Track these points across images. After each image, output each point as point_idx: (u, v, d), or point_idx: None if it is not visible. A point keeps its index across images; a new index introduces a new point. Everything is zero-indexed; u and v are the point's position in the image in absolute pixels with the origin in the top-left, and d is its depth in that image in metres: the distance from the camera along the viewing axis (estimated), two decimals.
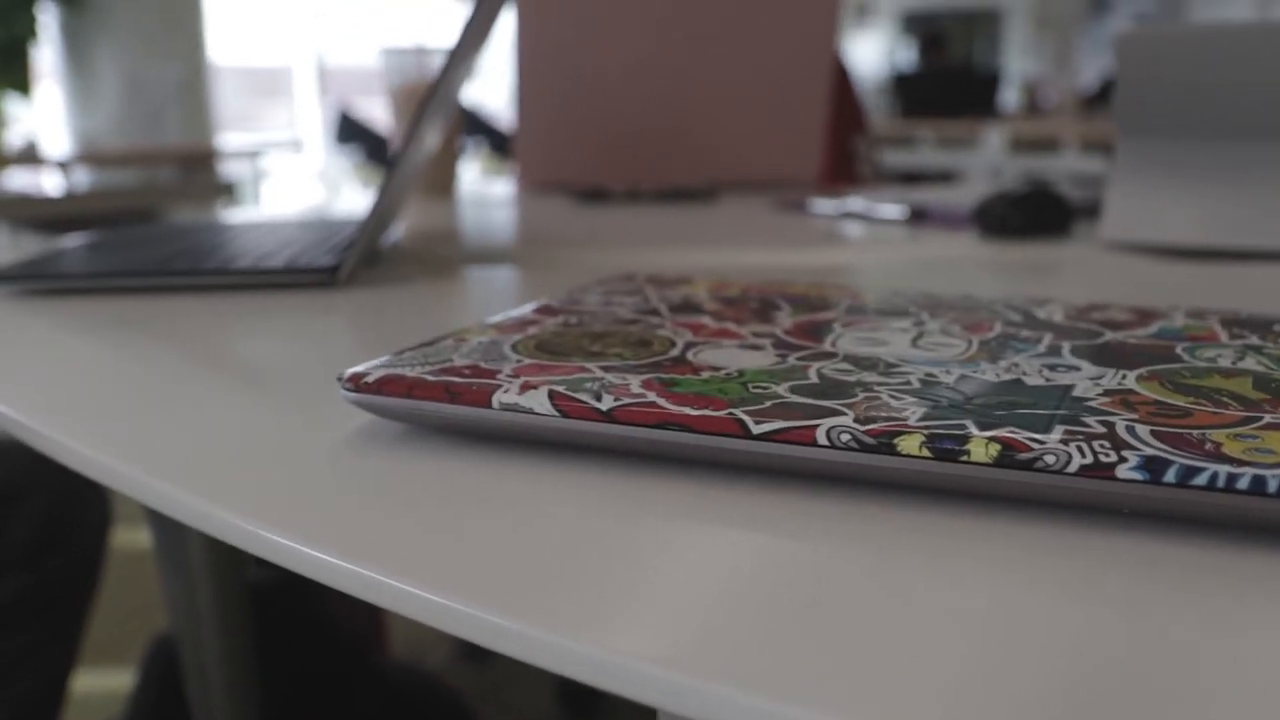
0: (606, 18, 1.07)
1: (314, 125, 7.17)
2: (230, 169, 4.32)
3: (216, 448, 0.29)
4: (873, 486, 0.25)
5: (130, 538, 1.37)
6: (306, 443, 0.30)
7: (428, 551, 0.22)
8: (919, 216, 0.83)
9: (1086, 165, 3.26)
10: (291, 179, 6.82)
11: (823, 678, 0.17)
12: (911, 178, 3.84)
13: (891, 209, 0.84)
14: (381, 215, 0.58)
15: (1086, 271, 0.61)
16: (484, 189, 1.17)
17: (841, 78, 1.46)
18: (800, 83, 1.11)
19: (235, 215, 0.97)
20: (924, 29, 7.67)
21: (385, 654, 1.14)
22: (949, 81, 5.53)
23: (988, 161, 3.54)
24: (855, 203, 0.87)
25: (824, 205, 0.89)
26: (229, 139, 5.57)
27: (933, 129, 3.97)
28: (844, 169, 1.41)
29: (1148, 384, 0.28)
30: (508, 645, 0.19)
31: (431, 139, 0.65)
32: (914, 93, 5.41)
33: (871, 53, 8.48)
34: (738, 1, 1.08)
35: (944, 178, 3.75)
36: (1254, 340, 0.33)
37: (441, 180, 1.05)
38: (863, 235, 0.77)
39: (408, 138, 0.56)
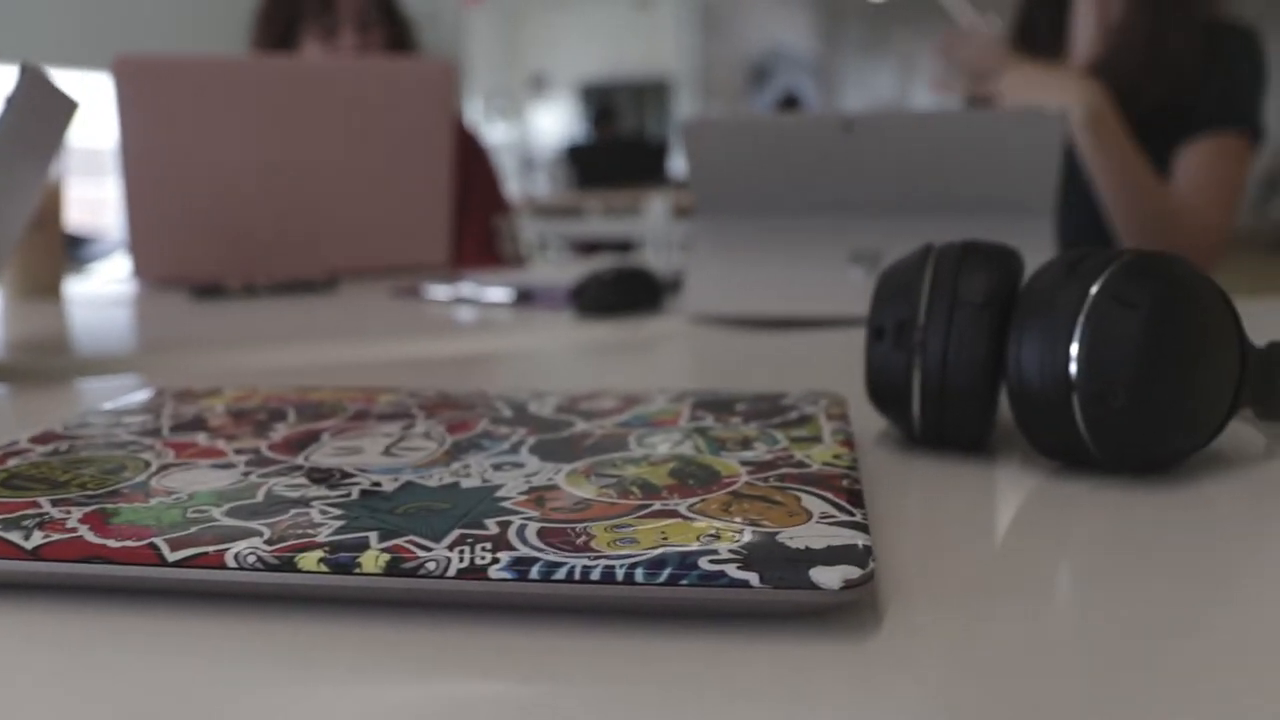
0: (214, 109, 1.05)
1: None
2: None
3: None
4: (300, 602, 0.26)
5: None
6: None
7: None
8: (525, 298, 0.86)
9: None
10: None
11: None
12: (591, 248, 3.95)
13: (498, 292, 0.87)
14: None
15: (669, 345, 0.66)
16: (96, 288, 1.12)
17: (478, 159, 1.50)
18: (420, 167, 1.13)
19: None
20: (596, 101, 7.97)
21: None
22: (621, 151, 5.78)
23: (658, 229, 3.69)
24: (466, 287, 0.89)
25: (438, 291, 0.91)
26: None
27: (600, 199, 4.12)
28: (487, 250, 1.44)
29: (574, 478, 0.31)
30: None
31: None
32: (588, 164, 5.61)
33: (552, 125, 8.71)
34: (350, 90, 1.09)
35: (623, 247, 3.88)
36: (708, 422, 0.37)
37: (44, 280, 0.99)
38: (471, 320, 0.80)
39: None
